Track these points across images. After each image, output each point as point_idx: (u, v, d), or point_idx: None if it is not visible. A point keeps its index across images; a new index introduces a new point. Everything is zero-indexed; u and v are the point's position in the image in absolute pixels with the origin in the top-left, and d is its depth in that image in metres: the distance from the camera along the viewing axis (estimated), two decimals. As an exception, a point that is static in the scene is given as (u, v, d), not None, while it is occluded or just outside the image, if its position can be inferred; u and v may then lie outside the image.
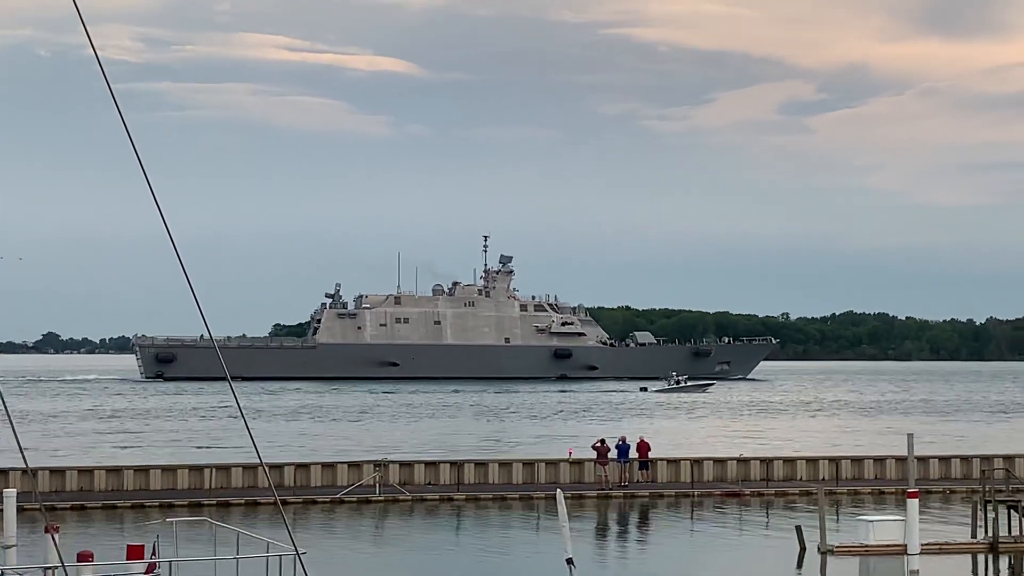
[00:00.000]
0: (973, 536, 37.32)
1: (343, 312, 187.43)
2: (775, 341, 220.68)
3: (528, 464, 50.92)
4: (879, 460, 53.50)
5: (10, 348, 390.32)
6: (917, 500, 33.16)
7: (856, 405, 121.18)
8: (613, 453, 49.70)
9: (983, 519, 37.08)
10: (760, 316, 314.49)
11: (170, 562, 20.26)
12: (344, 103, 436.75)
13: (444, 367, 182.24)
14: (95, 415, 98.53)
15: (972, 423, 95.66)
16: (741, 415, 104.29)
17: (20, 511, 22.67)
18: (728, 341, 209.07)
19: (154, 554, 20.75)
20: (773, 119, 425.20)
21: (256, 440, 14.97)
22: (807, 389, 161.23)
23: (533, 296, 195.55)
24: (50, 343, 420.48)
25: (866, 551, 34.42)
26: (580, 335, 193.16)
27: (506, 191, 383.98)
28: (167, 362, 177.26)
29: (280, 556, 19.53)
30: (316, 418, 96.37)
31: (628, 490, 49.03)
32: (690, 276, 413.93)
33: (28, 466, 46.60)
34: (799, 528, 37.26)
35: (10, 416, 14.14)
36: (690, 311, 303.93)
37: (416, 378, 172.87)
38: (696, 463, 51.45)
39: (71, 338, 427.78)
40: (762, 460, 52.66)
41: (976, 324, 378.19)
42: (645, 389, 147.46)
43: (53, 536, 18.03)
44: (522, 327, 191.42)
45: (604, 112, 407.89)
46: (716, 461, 52.36)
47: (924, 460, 52.13)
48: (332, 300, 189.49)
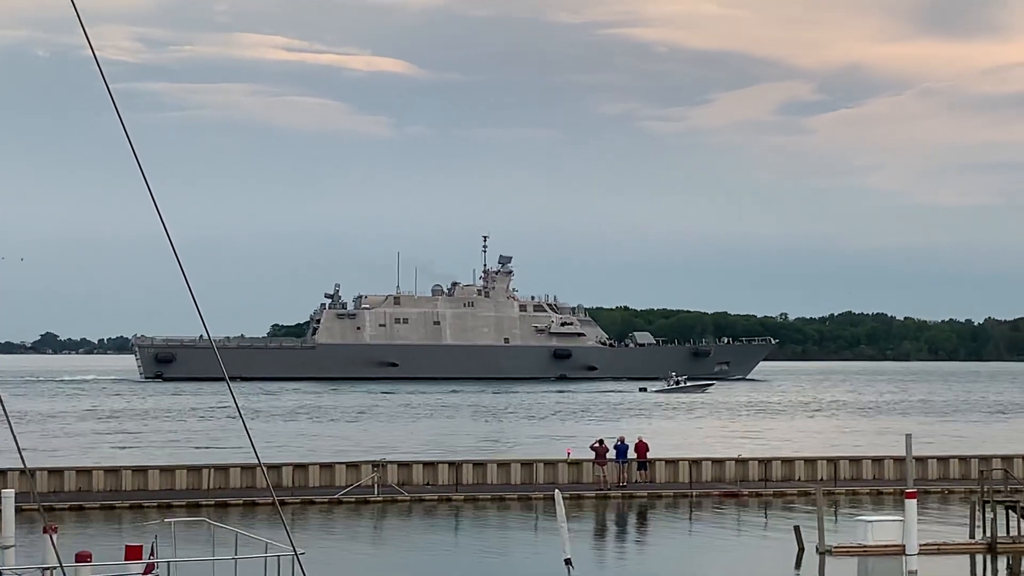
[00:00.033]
0: (971, 536, 37.34)
1: (342, 312, 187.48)
2: (774, 341, 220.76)
3: (526, 464, 50.93)
4: (877, 460, 53.54)
5: (8, 348, 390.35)
6: (915, 500, 33.13)
7: (854, 405, 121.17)
8: (611, 453, 49.72)
9: (981, 519, 37.10)
10: (759, 316, 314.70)
11: (168, 562, 20.26)
12: (343, 103, 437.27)
13: (443, 367, 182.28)
14: (94, 415, 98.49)
15: (970, 423, 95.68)
16: (739, 415, 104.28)
17: (18, 511, 22.68)
18: (728, 341, 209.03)
19: (152, 554, 20.75)
20: (772, 119, 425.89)
21: (254, 440, 14.97)
22: (805, 390, 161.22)
23: (532, 296, 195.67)
24: (48, 343, 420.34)
25: (864, 551, 34.45)
26: (579, 335, 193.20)
27: (505, 191, 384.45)
28: (166, 362, 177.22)
29: (278, 556, 19.54)
30: (314, 418, 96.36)
31: (626, 490, 49.05)
32: (688, 276, 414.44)
33: (26, 466, 46.59)
34: (797, 528, 37.27)
35: (8, 416, 14.14)
36: (688, 311, 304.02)
37: (415, 378, 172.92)
38: (694, 463, 51.46)
39: (69, 338, 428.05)
40: (760, 460, 52.69)
41: (974, 324, 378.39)
42: (645, 389, 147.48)
43: (51, 536, 18.04)
44: (521, 327, 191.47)
45: (603, 112, 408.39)
46: (714, 461, 52.38)
47: (922, 460, 52.15)
48: (331, 300, 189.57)
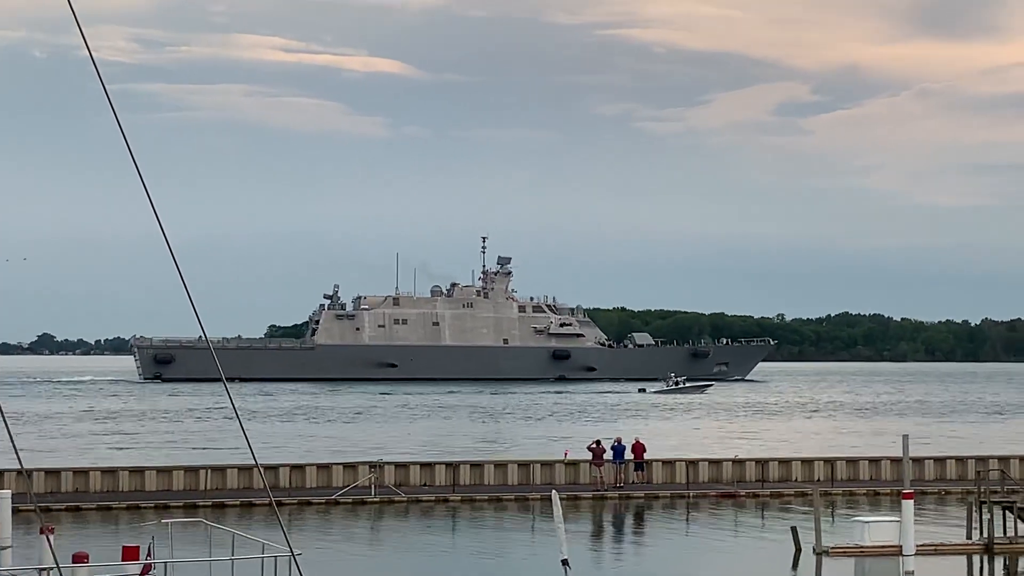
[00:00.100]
0: (968, 537, 37.36)
1: (341, 313, 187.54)
2: (773, 342, 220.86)
3: (524, 465, 50.91)
4: (874, 461, 53.53)
5: (5, 349, 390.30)
6: (912, 501, 33.19)
7: (851, 406, 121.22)
8: (608, 454, 49.72)
9: (978, 520, 37.11)
10: (755, 317, 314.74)
11: (165, 563, 20.27)
12: (340, 104, 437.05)
13: (442, 368, 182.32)
14: (91, 416, 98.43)
15: (967, 424, 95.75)
16: (737, 416, 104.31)
17: (15, 512, 22.68)
18: (727, 342, 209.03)
19: (149, 555, 20.77)
20: (770, 120, 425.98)
21: (252, 441, 14.97)
22: (802, 390, 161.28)
23: (531, 297, 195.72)
24: (45, 344, 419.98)
25: (861, 552, 34.49)
26: (578, 336, 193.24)
27: (504, 192, 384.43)
28: (165, 363, 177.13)
29: (275, 557, 19.56)
30: (312, 419, 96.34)
31: (623, 491, 49.05)
32: (686, 277, 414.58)
33: (23, 467, 46.52)
34: (795, 529, 37.28)
35: (5, 417, 14.13)
36: (686, 312, 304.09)
37: (414, 379, 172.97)
38: (692, 464, 51.45)
39: (66, 339, 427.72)
40: (758, 461, 52.67)
41: (971, 325, 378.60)
42: (644, 390, 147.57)
43: (48, 537, 18.02)
44: (520, 328, 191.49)
45: (600, 113, 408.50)
46: (712, 462, 52.38)
47: (919, 461, 52.16)
48: (330, 301, 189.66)
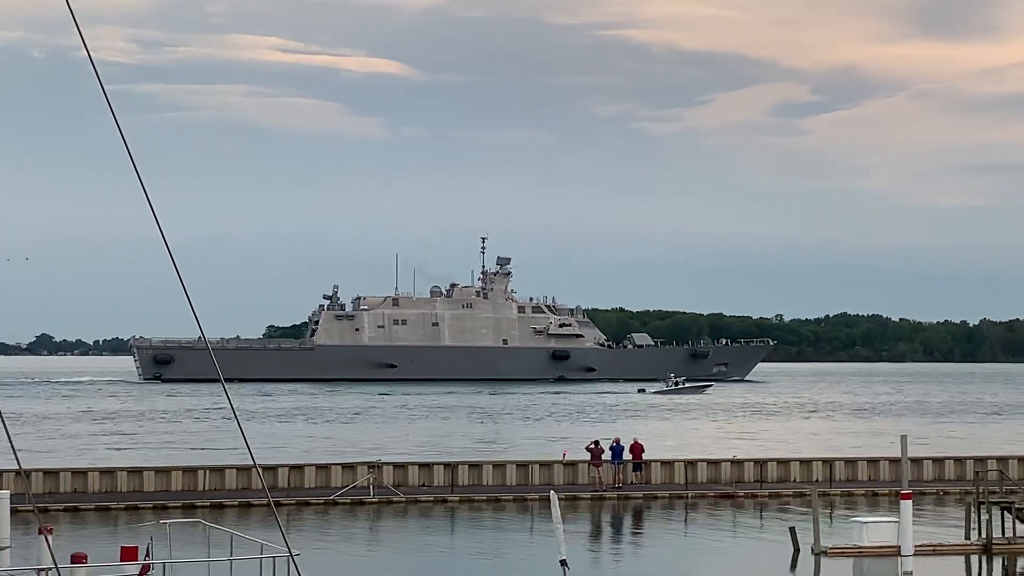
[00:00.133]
0: (967, 538, 37.37)
1: (341, 314, 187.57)
2: (772, 343, 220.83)
3: (522, 466, 50.91)
4: (873, 462, 53.51)
5: (4, 349, 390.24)
6: (911, 501, 33.22)
7: (850, 407, 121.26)
8: (607, 455, 49.72)
9: (977, 521, 37.13)
10: (754, 318, 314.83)
11: (164, 563, 20.27)
12: (338, 104, 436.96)
13: (442, 369, 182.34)
14: (89, 417, 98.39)
15: (966, 425, 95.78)
16: (736, 416, 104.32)
17: (13, 513, 22.70)
18: (726, 343, 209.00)
19: (148, 555, 20.76)
20: (768, 120, 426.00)
21: (250, 442, 14.97)
22: (801, 391, 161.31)
23: (531, 298, 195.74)
24: (44, 345, 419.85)
25: (860, 552, 34.50)
26: (578, 336, 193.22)
27: (503, 192, 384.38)
28: (165, 363, 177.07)
29: (274, 558, 19.56)
30: (311, 419, 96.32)
31: (622, 492, 49.05)
32: (685, 277, 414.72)
33: (21, 468, 46.53)
34: (793, 529, 37.28)
35: (3, 417, 14.12)
36: (684, 313, 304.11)
37: (414, 380, 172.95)
38: (690, 464, 51.44)
39: (64, 339, 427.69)
40: (756, 462, 52.65)
41: (970, 326, 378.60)
42: (643, 391, 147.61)
43: (47, 537, 18.03)
44: (520, 329, 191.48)
45: (599, 113, 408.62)
46: (710, 463, 52.36)
47: (917, 461, 52.15)
48: (330, 301, 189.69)
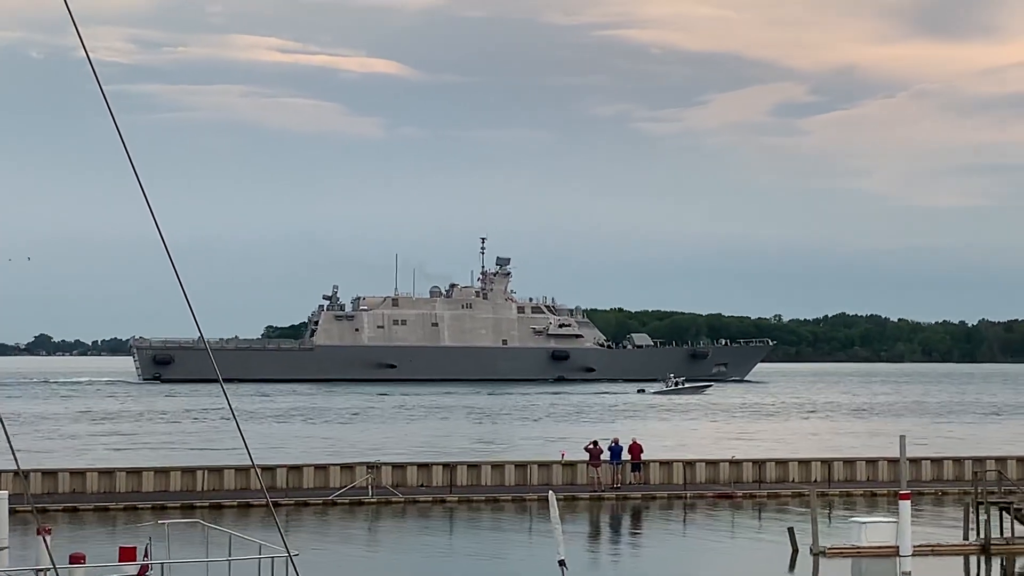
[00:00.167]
0: (965, 538, 37.38)
1: (341, 314, 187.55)
2: (771, 343, 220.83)
3: (520, 466, 50.92)
4: (871, 462, 53.54)
5: (2, 350, 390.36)
6: (909, 502, 33.21)
7: (848, 407, 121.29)
8: (606, 455, 49.73)
9: (975, 521, 37.14)
10: (753, 318, 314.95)
11: (162, 564, 20.26)
12: (337, 105, 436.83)
13: (441, 369, 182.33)
14: (88, 417, 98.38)
15: (964, 425, 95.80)
16: (735, 417, 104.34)
17: (12, 513, 22.68)
18: (726, 343, 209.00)
19: (146, 556, 20.76)
20: (766, 121, 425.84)
21: (249, 442, 14.98)
22: (800, 391, 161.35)
23: (530, 298, 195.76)
24: (42, 345, 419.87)
25: (858, 553, 34.51)
26: (577, 337, 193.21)
27: (502, 193, 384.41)
28: (165, 364, 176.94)
29: (272, 558, 19.56)
30: (309, 420, 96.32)
31: (620, 492, 49.06)
32: (683, 278, 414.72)
33: (20, 468, 46.54)
34: (791, 530, 37.29)
35: (2, 418, 14.13)
36: (683, 313, 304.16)
37: (414, 380, 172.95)
38: (688, 465, 51.46)
39: (63, 340, 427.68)
40: (754, 462, 52.67)
41: (968, 326, 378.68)
42: (643, 391, 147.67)
43: (45, 538, 18.02)
44: (519, 329, 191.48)
45: (597, 114, 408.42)
46: (708, 463, 52.37)
47: (916, 462, 52.15)
48: (329, 302, 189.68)
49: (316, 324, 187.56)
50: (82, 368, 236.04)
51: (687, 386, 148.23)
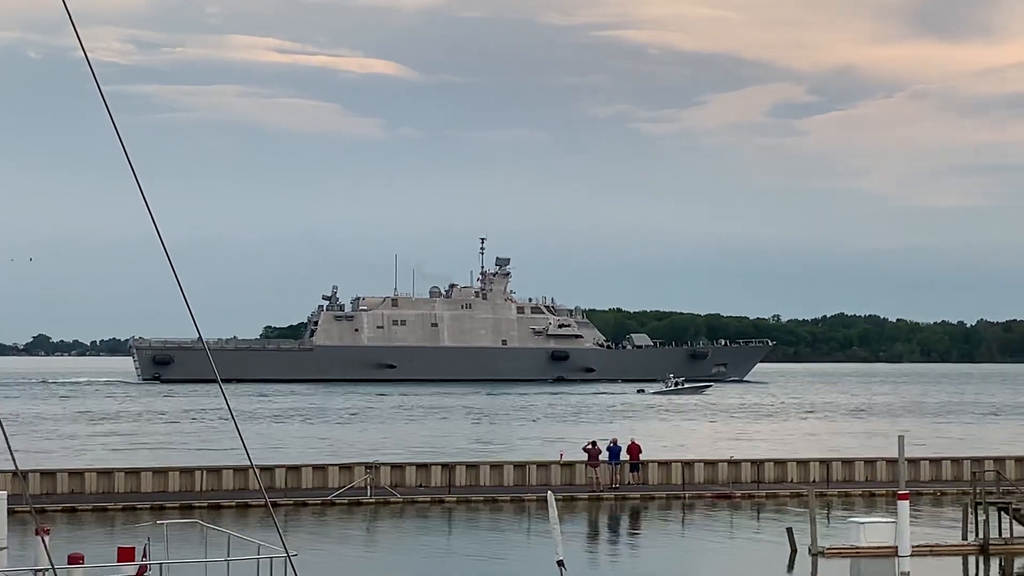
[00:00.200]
0: (964, 538, 37.39)
1: (340, 314, 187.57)
2: (771, 343, 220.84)
3: (519, 466, 50.92)
4: (870, 462, 53.55)
5: (1, 350, 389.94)
6: (907, 502, 33.21)
7: (847, 407, 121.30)
8: (604, 455, 49.74)
9: (974, 521, 37.15)
10: (751, 318, 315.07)
11: (161, 564, 20.27)
12: (336, 105, 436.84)
13: (441, 369, 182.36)
14: (87, 417, 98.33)
15: (963, 425, 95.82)
16: (733, 417, 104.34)
17: (10, 513, 22.70)
18: (725, 343, 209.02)
19: (145, 556, 20.76)
20: (764, 121, 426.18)
21: (247, 442, 14.98)
22: (798, 391, 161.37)
23: (530, 298, 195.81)
24: (41, 345, 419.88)
25: (857, 553, 34.51)
26: (577, 337, 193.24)
27: (501, 193, 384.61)
28: (165, 364, 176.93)
29: (271, 558, 19.56)
30: (308, 420, 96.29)
31: (619, 492, 49.06)
32: (682, 278, 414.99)
33: (18, 468, 46.53)
34: (790, 530, 37.29)
35: (0, 418, 14.13)
36: (681, 313, 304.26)
37: (413, 380, 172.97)
38: (687, 465, 51.46)
39: (62, 340, 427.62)
40: (753, 462, 52.67)
41: (967, 326, 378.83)
42: (643, 391, 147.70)
43: (43, 538, 18.04)
44: (519, 329, 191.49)
45: (595, 114, 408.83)
46: (707, 463, 52.37)
47: (914, 462, 52.16)
48: (329, 302, 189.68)
49: (316, 324, 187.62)
50: (81, 368, 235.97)
51: (687, 386, 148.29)
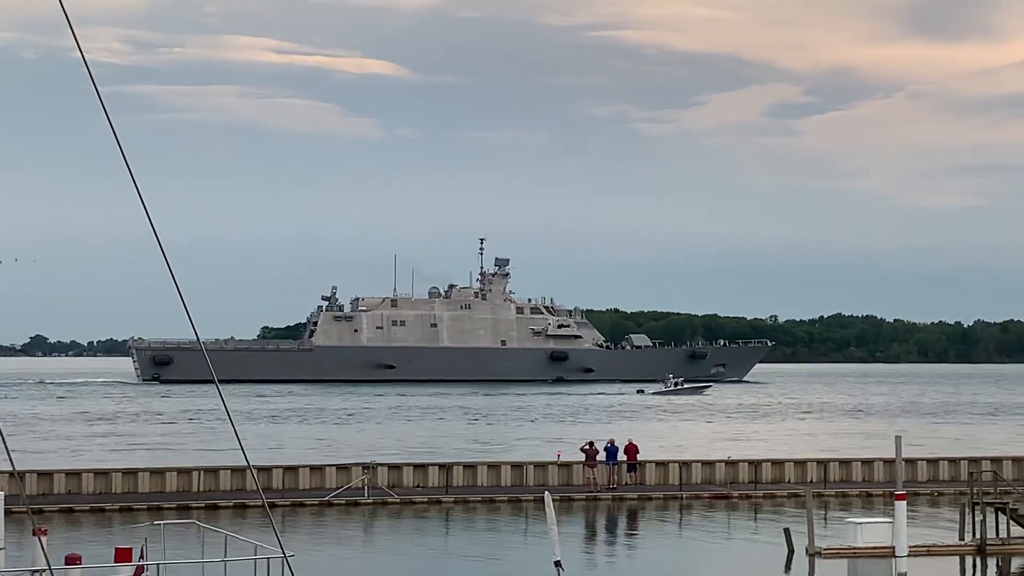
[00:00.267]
0: (961, 538, 37.40)
1: (340, 315, 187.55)
2: (770, 344, 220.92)
3: (517, 466, 50.96)
4: (867, 462, 53.59)
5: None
6: (905, 502, 33.22)
7: (844, 408, 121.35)
8: (601, 455, 49.75)
9: (971, 521, 37.17)
10: (749, 318, 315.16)
11: (158, 565, 20.26)
12: (333, 105, 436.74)
13: (440, 370, 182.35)
14: (84, 418, 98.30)
15: (960, 425, 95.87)
16: (731, 417, 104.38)
17: (7, 514, 22.68)
18: (724, 344, 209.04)
19: (142, 557, 20.75)
20: (762, 121, 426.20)
21: (245, 443, 14.98)
22: (797, 392, 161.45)
23: (529, 299, 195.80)
24: (38, 346, 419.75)
25: (854, 553, 34.49)
26: (576, 338, 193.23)
27: (500, 193, 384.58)
28: (164, 364, 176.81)
29: (268, 559, 19.55)
30: (306, 421, 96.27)
31: (616, 492, 49.08)
32: (679, 278, 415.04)
33: (15, 469, 46.50)
34: (787, 530, 37.31)
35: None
36: (679, 314, 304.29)
37: (413, 381, 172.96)
38: (684, 465, 51.49)
39: (59, 341, 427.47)
40: (750, 462, 52.71)
41: (964, 327, 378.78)
42: (642, 392, 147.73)
43: (41, 539, 18.03)
44: (518, 330, 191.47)
45: (593, 115, 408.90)
46: (704, 463, 52.42)
47: (912, 462, 52.21)
48: (328, 302, 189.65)
49: (315, 325, 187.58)
50: (79, 369, 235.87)
51: (686, 387, 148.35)
